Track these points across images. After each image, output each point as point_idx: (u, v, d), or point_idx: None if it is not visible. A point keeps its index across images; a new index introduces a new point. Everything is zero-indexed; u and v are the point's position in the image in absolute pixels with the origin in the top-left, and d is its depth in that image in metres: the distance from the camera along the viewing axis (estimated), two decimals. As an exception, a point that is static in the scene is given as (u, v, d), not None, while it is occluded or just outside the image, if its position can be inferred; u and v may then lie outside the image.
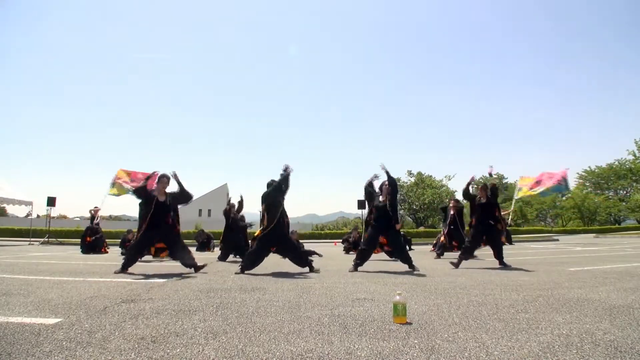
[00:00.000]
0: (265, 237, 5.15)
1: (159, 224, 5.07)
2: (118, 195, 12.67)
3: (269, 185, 5.37)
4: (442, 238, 8.28)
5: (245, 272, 4.99)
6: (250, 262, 5.08)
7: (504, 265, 5.55)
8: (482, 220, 5.77)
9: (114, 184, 12.60)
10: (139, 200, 5.24)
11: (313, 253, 8.43)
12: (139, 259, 5.41)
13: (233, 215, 7.57)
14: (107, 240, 11.33)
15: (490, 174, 6.30)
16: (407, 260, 5.26)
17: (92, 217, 11.00)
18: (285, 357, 1.68)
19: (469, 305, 2.79)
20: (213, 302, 2.92)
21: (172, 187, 5.34)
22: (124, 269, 4.94)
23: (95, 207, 11.25)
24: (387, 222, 5.31)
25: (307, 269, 5.20)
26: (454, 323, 2.25)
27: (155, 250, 5.33)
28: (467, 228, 7.65)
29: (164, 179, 5.18)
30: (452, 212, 8.37)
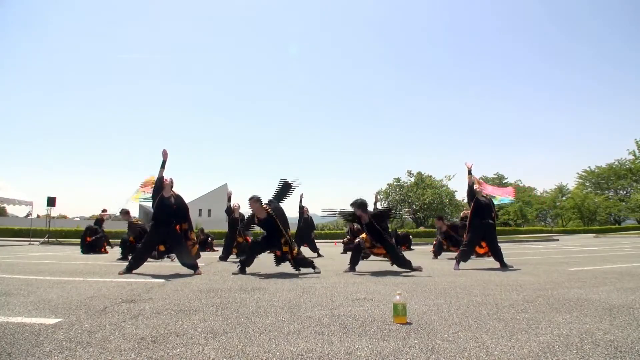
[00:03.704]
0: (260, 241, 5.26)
1: (164, 223, 5.09)
2: (135, 200, 12.62)
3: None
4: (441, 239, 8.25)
5: (246, 271, 5.00)
6: (246, 259, 5.13)
7: (504, 266, 5.54)
8: (483, 220, 5.74)
9: (137, 190, 12.47)
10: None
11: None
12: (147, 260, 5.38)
13: (237, 215, 7.60)
14: (110, 240, 11.25)
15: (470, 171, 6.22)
16: (405, 265, 5.06)
17: (101, 221, 10.85)
18: (285, 357, 1.68)
19: (469, 305, 2.79)
20: (213, 302, 2.92)
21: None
22: (129, 270, 4.91)
23: (104, 209, 11.14)
24: (379, 236, 5.23)
25: (310, 269, 5.18)
26: (454, 323, 2.25)
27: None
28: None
29: (167, 182, 5.20)
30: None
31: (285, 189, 5.45)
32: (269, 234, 5.14)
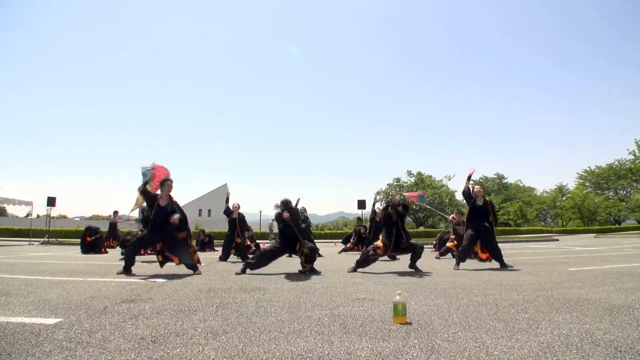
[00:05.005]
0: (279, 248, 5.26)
1: (160, 227, 5.06)
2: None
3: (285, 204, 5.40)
4: (450, 244, 8.23)
5: (247, 272, 4.99)
6: (259, 263, 5.11)
7: (504, 266, 5.54)
8: (479, 222, 5.77)
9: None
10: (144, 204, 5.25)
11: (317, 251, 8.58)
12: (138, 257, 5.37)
13: (235, 216, 7.58)
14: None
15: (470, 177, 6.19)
16: (415, 257, 5.29)
17: (115, 224, 10.64)
18: (285, 357, 1.68)
19: (469, 305, 2.79)
20: (213, 302, 2.92)
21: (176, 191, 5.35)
22: (126, 269, 4.91)
23: (116, 211, 10.99)
24: (398, 241, 5.36)
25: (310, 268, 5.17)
26: (454, 323, 2.25)
27: (162, 259, 5.28)
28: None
29: (168, 183, 5.16)
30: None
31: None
32: (286, 240, 5.21)
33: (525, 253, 9.25)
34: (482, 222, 5.78)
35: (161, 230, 5.07)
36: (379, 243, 5.37)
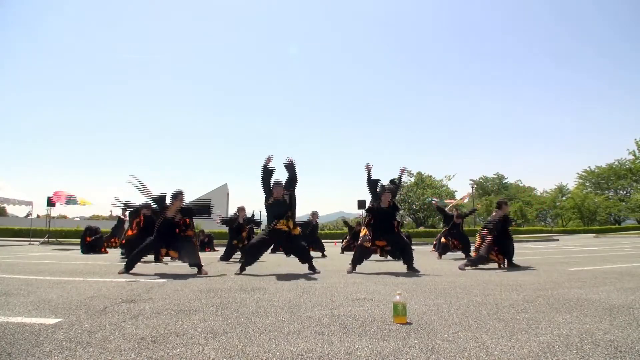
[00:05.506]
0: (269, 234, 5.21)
1: (165, 235, 5.12)
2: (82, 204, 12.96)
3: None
4: (443, 239, 8.24)
5: (246, 270, 4.99)
6: (250, 256, 5.11)
7: (513, 266, 5.52)
8: (499, 240, 5.65)
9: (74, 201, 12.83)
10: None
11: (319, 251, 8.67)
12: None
13: (241, 221, 7.55)
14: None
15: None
16: (408, 260, 5.19)
17: (123, 221, 10.53)
18: (285, 357, 1.68)
19: (469, 305, 2.79)
20: (213, 302, 2.92)
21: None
22: (127, 269, 4.94)
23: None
24: (387, 225, 5.26)
25: (306, 265, 5.16)
26: (454, 323, 2.25)
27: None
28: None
29: (180, 197, 5.18)
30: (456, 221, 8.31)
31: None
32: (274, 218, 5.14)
33: (525, 253, 9.25)
34: (502, 239, 5.69)
35: (165, 238, 5.13)
36: (364, 231, 5.33)
